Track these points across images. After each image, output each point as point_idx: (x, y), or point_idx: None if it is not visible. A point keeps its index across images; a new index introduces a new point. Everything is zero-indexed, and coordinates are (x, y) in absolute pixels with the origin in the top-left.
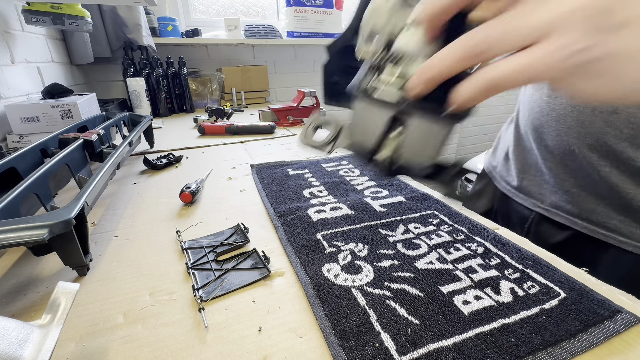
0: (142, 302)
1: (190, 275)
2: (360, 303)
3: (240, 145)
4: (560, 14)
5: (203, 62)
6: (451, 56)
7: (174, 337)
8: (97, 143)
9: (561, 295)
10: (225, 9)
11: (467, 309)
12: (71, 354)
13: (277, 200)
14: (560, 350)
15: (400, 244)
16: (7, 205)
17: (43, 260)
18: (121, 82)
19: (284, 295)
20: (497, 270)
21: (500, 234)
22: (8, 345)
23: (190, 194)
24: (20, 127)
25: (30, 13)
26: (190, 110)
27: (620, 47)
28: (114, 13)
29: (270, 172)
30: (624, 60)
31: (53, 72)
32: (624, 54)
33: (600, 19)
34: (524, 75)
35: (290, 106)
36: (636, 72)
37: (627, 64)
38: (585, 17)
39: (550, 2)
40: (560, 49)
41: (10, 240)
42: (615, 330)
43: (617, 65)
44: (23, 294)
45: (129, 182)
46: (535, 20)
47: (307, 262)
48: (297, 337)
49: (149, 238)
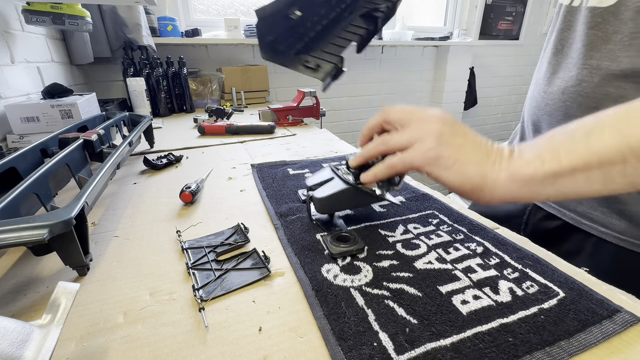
0: (142, 302)
1: (190, 275)
2: (359, 303)
3: (240, 145)
4: (422, 132)
5: (203, 62)
6: (368, 151)
7: (174, 337)
8: (97, 143)
9: (560, 294)
10: (225, 9)
11: (465, 309)
12: (71, 353)
13: (277, 200)
14: (558, 350)
15: (400, 244)
16: (7, 205)
17: (43, 260)
18: (121, 82)
19: (284, 295)
20: (496, 269)
21: (499, 234)
22: (8, 345)
23: (190, 194)
24: (20, 127)
25: (30, 13)
26: (190, 110)
27: (448, 153)
28: (114, 13)
29: (271, 172)
30: (457, 163)
31: (53, 72)
32: (448, 157)
33: (441, 137)
34: (403, 163)
35: (290, 106)
36: (468, 172)
37: (462, 165)
38: (434, 135)
39: (417, 127)
40: (420, 150)
41: (10, 240)
42: (614, 330)
43: (455, 165)
44: (23, 294)
45: (129, 182)
46: (409, 135)
47: (306, 262)
48: (298, 337)
49: (149, 238)
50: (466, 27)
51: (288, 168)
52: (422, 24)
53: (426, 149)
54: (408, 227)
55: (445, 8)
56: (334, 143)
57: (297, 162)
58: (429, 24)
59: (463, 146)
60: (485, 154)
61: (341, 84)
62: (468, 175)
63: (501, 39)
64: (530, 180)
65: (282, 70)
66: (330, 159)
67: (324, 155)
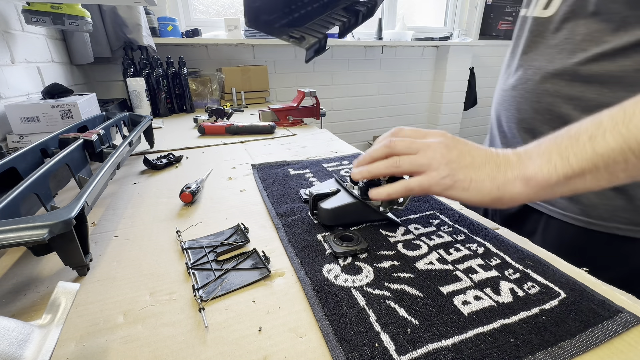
0: (142, 302)
1: (190, 275)
2: (360, 303)
3: (240, 145)
4: (432, 160)
5: (203, 62)
6: (378, 169)
7: (174, 337)
8: (97, 143)
9: (561, 295)
10: (225, 9)
11: (466, 310)
12: (71, 354)
13: (278, 200)
14: (560, 351)
15: (401, 245)
16: (7, 205)
17: (43, 260)
18: (121, 82)
19: (284, 295)
20: (497, 270)
21: (500, 234)
22: (8, 345)
23: (190, 194)
24: (21, 127)
25: (30, 13)
26: (190, 110)
27: (462, 177)
28: (114, 13)
29: (271, 172)
30: (472, 183)
31: (53, 72)
32: (463, 179)
33: (451, 163)
34: (421, 187)
35: (290, 106)
36: (485, 189)
37: (478, 184)
38: (443, 162)
39: (424, 154)
40: (435, 178)
41: (10, 240)
42: (616, 331)
43: (471, 184)
44: (23, 294)
45: (129, 182)
46: (420, 162)
47: (307, 262)
48: (297, 337)
49: (149, 238)
50: (466, 27)
51: (289, 168)
52: (422, 24)
53: (440, 177)
54: (409, 228)
55: (445, 8)
56: (334, 143)
57: (297, 162)
58: (429, 24)
59: (472, 165)
60: (494, 165)
61: (341, 84)
62: (485, 191)
63: (501, 39)
64: (546, 184)
65: (282, 70)
66: (330, 159)
67: (324, 156)
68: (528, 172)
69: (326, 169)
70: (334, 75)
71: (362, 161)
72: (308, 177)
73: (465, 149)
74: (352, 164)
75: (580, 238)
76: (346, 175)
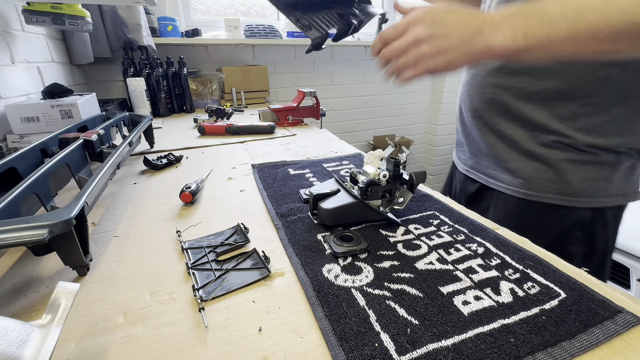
0: (142, 302)
1: (190, 275)
2: (360, 303)
3: (240, 145)
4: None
5: (203, 62)
6: (391, 36)
7: (174, 337)
8: (97, 143)
9: (561, 295)
10: (225, 9)
11: (466, 310)
12: (71, 354)
13: (278, 200)
14: (560, 351)
15: (401, 245)
16: (7, 205)
17: (43, 260)
18: (121, 82)
19: (284, 295)
20: (497, 270)
21: (500, 234)
22: (8, 345)
23: (190, 194)
24: (21, 127)
25: (30, 13)
26: (190, 110)
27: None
28: (114, 13)
29: (272, 172)
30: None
31: (53, 72)
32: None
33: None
34: (438, 62)
35: (290, 106)
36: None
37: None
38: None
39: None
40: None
41: (10, 240)
42: (616, 331)
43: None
44: (23, 294)
45: (129, 182)
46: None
47: (307, 262)
48: (297, 337)
49: (149, 238)
50: None
51: (289, 168)
52: None
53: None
54: (409, 228)
55: None
56: (334, 143)
57: (297, 162)
58: None
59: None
60: (480, 21)
61: (341, 84)
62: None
63: None
64: (548, 40)
65: (282, 70)
66: (330, 159)
67: (324, 156)
68: (528, 27)
69: (326, 169)
70: (334, 75)
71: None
72: (308, 177)
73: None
74: (351, 164)
75: (522, 208)
76: (346, 175)
